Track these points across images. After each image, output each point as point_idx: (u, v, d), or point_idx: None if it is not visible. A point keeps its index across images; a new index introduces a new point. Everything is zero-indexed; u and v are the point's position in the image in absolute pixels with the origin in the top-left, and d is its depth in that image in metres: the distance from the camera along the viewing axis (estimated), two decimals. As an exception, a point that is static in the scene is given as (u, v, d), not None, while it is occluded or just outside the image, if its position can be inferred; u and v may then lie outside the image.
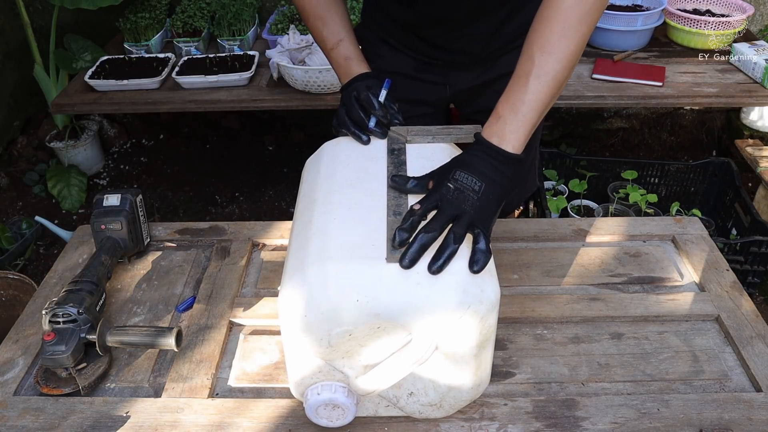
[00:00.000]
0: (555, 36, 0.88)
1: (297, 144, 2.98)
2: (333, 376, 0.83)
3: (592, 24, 0.90)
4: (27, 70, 2.58)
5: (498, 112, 0.88)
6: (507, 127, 0.86)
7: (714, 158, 2.30)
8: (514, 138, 0.86)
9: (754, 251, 1.96)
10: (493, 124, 0.88)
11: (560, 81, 0.88)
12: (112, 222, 1.11)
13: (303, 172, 1.01)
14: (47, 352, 0.91)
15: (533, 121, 0.87)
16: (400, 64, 1.25)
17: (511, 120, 0.86)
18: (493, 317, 0.80)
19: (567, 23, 0.88)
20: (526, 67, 0.88)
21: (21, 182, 2.70)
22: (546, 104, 0.88)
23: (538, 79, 0.87)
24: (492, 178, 0.84)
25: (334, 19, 1.10)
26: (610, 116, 2.88)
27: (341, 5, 1.12)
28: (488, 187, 0.83)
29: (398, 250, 0.77)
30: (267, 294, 1.10)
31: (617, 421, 0.87)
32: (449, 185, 0.82)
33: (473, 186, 0.82)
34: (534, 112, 0.87)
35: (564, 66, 0.88)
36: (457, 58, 1.22)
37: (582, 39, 0.89)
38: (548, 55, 0.87)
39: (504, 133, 0.86)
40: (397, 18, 1.20)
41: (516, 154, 0.86)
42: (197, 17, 2.55)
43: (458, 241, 0.77)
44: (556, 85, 0.88)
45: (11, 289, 1.86)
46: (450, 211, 0.80)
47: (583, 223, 1.25)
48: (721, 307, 1.05)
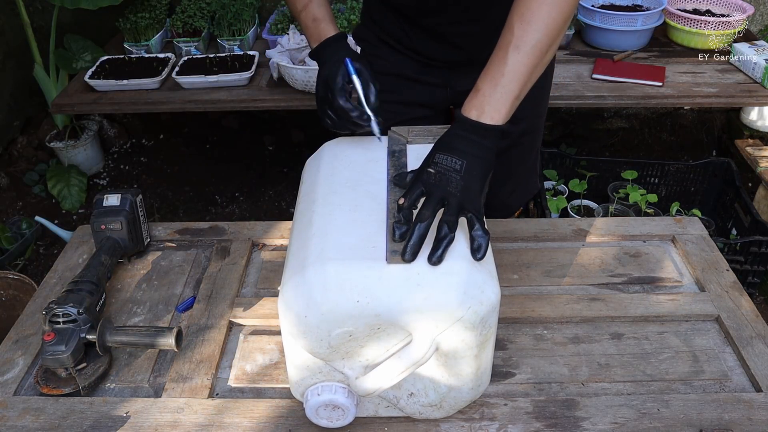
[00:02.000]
0: (534, 4, 0.85)
1: (297, 144, 2.98)
2: (333, 376, 0.83)
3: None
4: (27, 70, 2.58)
5: (477, 86, 0.86)
6: (486, 99, 0.84)
7: (714, 158, 2.30)
8: (494, 110, 0.84)
9: (754, 251, 1.96)
10: (473, 98, 0.86)
11: (543, 50, 0.86)
12: (112, 222, 1.11)
13: (303, 172, 1.01)
14: (47, 352, 0.91)
15: (515, 93, 0.85)
16: (401, 65, 1.25)
17: (490, 92, 0.84)
18: (493, 318, 0.80)
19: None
20: (505, 39, 0.86)
21: (21, 182, 2.70)
22: (528, 75, 0.85)
23: (517, 50, 0.84)
24: (473, 154, 0.82)
25: None
26: (610, 116, 2.88)
27: None
28: (469, 164, 0.81)
29: (397, 250, 0.76)
30: (267, 294, 1.10)
31: (617, 422, 0.87)
32: (429, 170, 0.80)
33: (454, 166, 0.80)
34: (515, 84, 0.84)
35: (545, 34, 0.85)
36: (457, 57, 1.21)
37: (565, 6, 0.87)
38: (527, 24, 0.85)
39: (483, 106, 0.84)
40: (399, 6, 1.19)
41: (496, 125, 0.84)
42: (197, 17, 2.55)
43: (452, 228, 0.76)
44: (538, 55, 0.85)
45: (11, 289, 1.86)
46: (436, 194, 0.79)
47: (583, 223, 1.25)
48: (721, 307, 1.05)
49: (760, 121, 2.54)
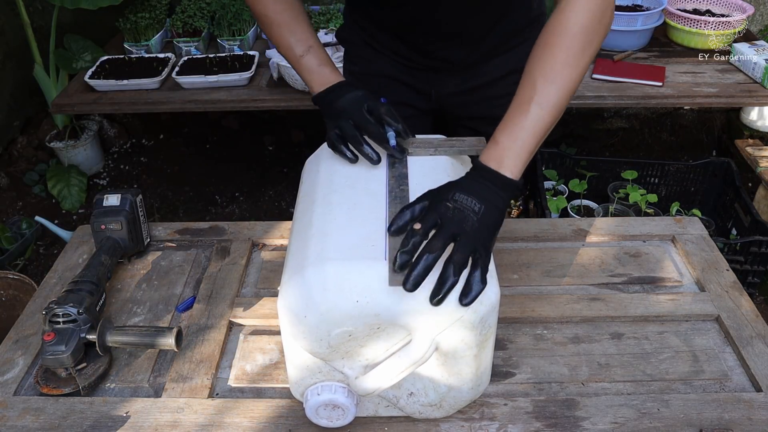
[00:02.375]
0: (559, 64, 0.87)
1: (297, 144, 2.98)
2: (333, 376, 0.83)
3: (593, 53, 0.90)
4: (27, 70, 2.58)
5: (496, 138, 0.87)
6: (506, 153, 0.85)
7: (714, 158, 2.30)
8: (512, 164, 0.85)
9: (754, 251, 1.96)
10: (492, 149, 0.86)
11: (560, 109, 0.88)
12: (112, 222, 1.11)
13: (303, 172, 1.01)
14: (47, 352, 0.91)
15: (531, 148, 0.86)
16: (384, 66, 1.24)
17: (509, 146, 0.85)
18: (493, 317, 0.80)
19: (571, 52, 0.87)
20: (527, 94, 0.87)
21: (21, 182, 2.70)
22: (545, 131, 0.87)
23: (539, 107, 0.86)
24: (492, 201, 0.81)
25: (301, 26, 1.07)
26: (610, 116, 2.88)
27: (305, 13, 1.09)
28: (488, 210, 0.80)
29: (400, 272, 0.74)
30: (267, 294, 1.10)
31: (617, 421, 0.87)
32: (448, 204, 0.79)
33: (473, 207, 0.80)
34: (533, 139, 0.86)
35: (565, 94, 0.88)
36: (441, 65, 1.21)
37: (584, 68, 0.89)
38: (551, 84, 0.87)
39: (502, 159, 0.85)
40: (382, 22, 1.19)
41: (514, 179, 0.85)
42: (197, 17, 2.55)
43: (457, 273, 0.74)
44: (556, 113, 0.88)
45: (11, 289, 1.86)
46: (451, 228, 0.77)
47: (583, 223, 1.25)
48: (721, 307, 1.05)
49: (760, 121, 2.54)
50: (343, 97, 0.98)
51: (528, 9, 1.17)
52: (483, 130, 1.28)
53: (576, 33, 0.88)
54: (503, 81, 1.21)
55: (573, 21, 0.88)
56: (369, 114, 0.94)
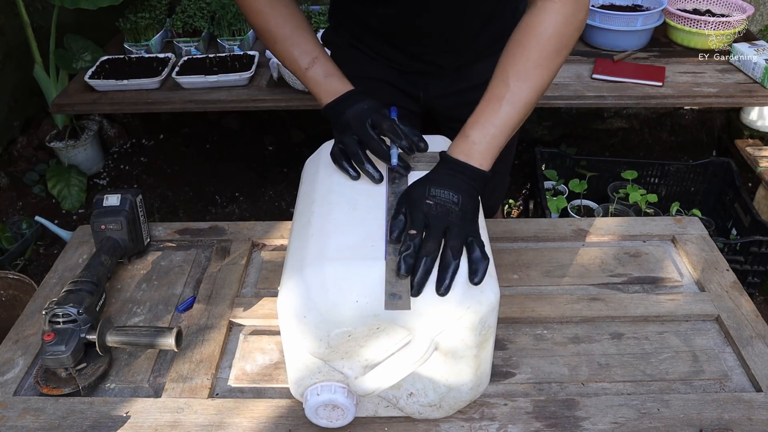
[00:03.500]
0: (532, 64, 0.89)
1: (297, 144, 2.98)
2: (333, 376, 0.83)
3: (566, 55, 0.92)
4: (27, 70, 2.58)
5: (466, 132, 0.88)
6: (475, 147, 0.87)
7: (714, 158, 2.30)
8: (481, 158, 0.87)
9: (754, 251, 1.96)
10: (461, 143, 0.88)
11: (530, 107, 0.90)
12: (112, 222, 1.11)
13: (302, 172, 1.01)
14: (47, 352, 0.91)
15: (500, 144, 0.88)
16: (372, 69, 1.24)
17: (479, 141, 0.87)
18: (492, 318, 0.80)
19: (545, 53, 0.89)
20: (499, 91, 0.89)
21: (21, 182, 2.70)
22: (514, 128, 0.89)
23: (510, 105, 0.88)
24: (466, 191, 0.83)
25: (304, 37, 1.04)
26: (610, 116, 2.88)
27: (307, 24, 1.07)
28: (465, 199, 0.82)
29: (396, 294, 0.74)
30: (267, 294, 1.10)
31: (617, 421, 0.87)
32: (428, 202, 0.80)
33: (452, 198, 0.81)
34: (503, 135, 0.88)
35: (536, 93, 0.90)
36: (429, 68, 1.21)
37: (556, 69, 0.91)
38: (523, 83, 0.88)
39: (472, 152, 0.87)
40: (369, 25, 1.18)
41: (484, 170, 0.87)
42: (197, 17, 2.55)
43: (457, 255, 0.76)
44: (525, 112, 0.90)
45: (11, 289, 1.86)
46: (440, 225, 0.79)
47: (583, 223, 1.25)
48: (721, 307, 1.05)
49: (760, 121, 2.54)
50: (350, 109, 0.96)
51: (515, 10, 1.18)
52: None
53: (550, 36, 0.89)
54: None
55: (547, 23, 0.90)
56: (372, 128, 0.92)
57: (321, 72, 1.02)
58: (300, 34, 1.04)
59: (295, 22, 1.05)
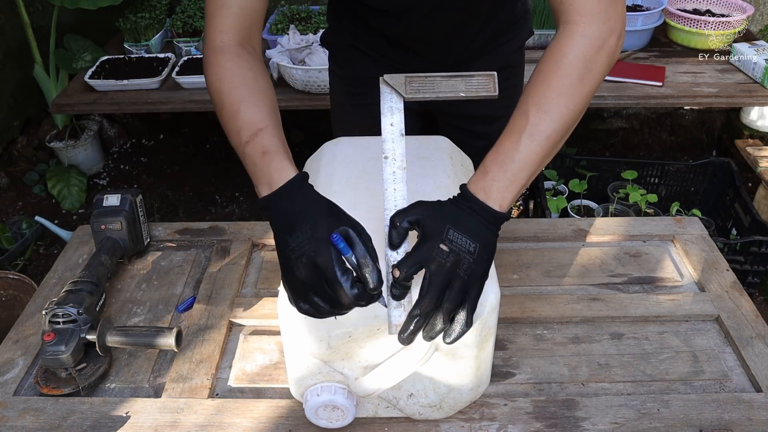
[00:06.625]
0: (553, 93, 0.82)
1: (297, 144, 2.97)
2: (333, 377, 0.83)
3: (595, 84, 0.85)
4: (27, 70, 2.58)
5: (485, 166, 0.81)
6: (494, 184, 0.79)
7: (714, 158, 2.30)
8: (501, 196, 0.79)
9: (754, 251, 1.96)
10: (480, 178, 0.80)
11: (556, 141, 0.82)
12: (112, 222, 1.11)
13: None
14: (47, 352, 0.91)
15: (523, 182, 0.80)
16: (371, 68, 1.22)
17: (499, 177, 0.79)
18: (492, 318, 0.80)
19: (567, 81, 0.82)
20: (519, 123, 0.82)
21: (21, 182, 2.70)
22: (538, 164, 0.81)
23: (530, 138, 0.80)
24: (485, 238, 0.77)
25: (256, 103, 0.85)
26: (610, 116, 2.88)
27: (270, 90, 0.89)
28: (482, 248, 0.76)
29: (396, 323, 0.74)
30: (267, 294, 1.10)
31: (617, 422, 0.87)
32: (443, 248, 0.73)
33: (468, 248, 0.75)
34: (524, 172, 0.80)
35: (560, 126, 0.82)
36: (429, 65, 1.20)
37: (584, 99, 0.84)
38: (544, 113, 0.81)
39: (491, 189, 0.79)
40: (371, 25, 1.17)
41: (502, 212, 0.79)
42: (197, 17, 2.55)
43: (446, 321, 0.72)
44: (550, 145, 0.82)
45: (11, 289, 1.86)
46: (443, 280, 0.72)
47: (583, 223, 1.25)
48: (721, 307, 1.05)
49: (760, 121, 2.54)
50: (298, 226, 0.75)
51: (513, 7, 1.17)
52: (473, 129, 1.27)
53: (572, 61, 0.83)
54: None
55: (570, 48, 0.83)
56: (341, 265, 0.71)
57: (259, 149, 0.82)
58: (251, 100, 0.86)
59: (255, 86, 0.88)
